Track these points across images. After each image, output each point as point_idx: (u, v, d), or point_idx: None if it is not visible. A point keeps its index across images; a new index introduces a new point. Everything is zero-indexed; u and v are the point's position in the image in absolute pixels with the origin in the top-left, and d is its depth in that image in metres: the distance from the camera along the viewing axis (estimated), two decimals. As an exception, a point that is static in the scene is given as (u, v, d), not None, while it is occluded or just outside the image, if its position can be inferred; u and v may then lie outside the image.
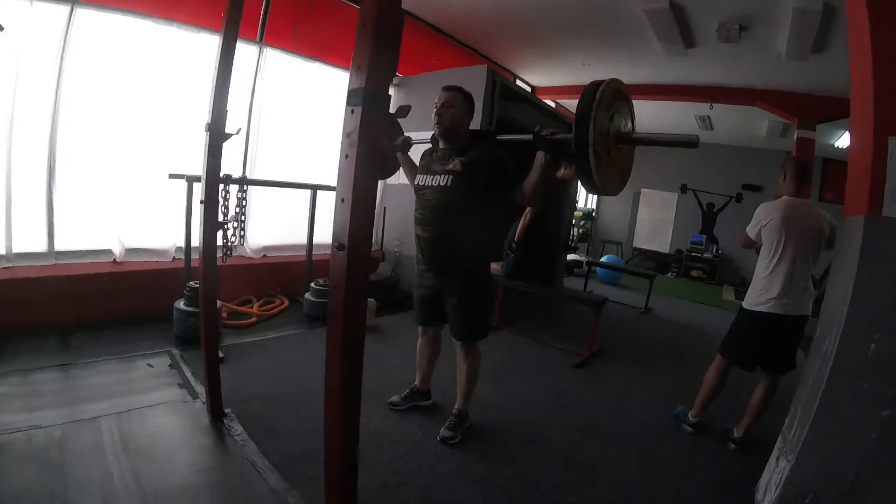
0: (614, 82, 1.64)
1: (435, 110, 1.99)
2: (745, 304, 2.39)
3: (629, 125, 1.76)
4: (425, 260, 2.11)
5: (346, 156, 0.97)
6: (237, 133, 2.01)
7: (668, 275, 9.26)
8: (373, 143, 0.97)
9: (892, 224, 1.54)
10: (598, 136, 1.50)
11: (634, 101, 1.69)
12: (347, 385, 1.06)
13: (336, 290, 1.01)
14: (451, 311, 2.11)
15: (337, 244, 0.99)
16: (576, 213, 9.03)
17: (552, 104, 7.19)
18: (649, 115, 7.56)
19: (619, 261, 8.16)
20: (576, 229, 9.08)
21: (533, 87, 7.47)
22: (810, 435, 1.63)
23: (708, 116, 7.23)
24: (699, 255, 9.18)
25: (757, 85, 5.70)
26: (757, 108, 6.06)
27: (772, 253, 2.29)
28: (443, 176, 1.97)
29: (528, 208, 3.58)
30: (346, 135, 0.97)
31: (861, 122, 1.69)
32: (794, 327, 2.29)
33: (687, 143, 1.55)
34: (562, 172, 3.42)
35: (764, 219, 2.33)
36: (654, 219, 9.90)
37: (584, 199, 10.35)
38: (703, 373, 2.57)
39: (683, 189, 9.58)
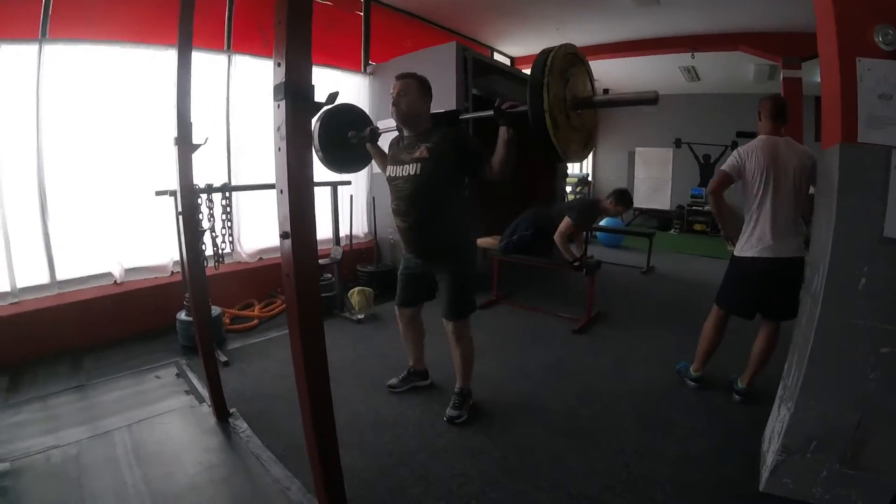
0: (565, 47, 1.63)
1: (391, 101, 2.00)
2: (735, 252, 2.34)
3: (588, 88, 1.75)
4: (409, 248, 2.15)
5: (279, 149, 1.01)
6: (205, 143, 2.05)
7: (672, 231, 9.18)
8: (302, 134, 1.01)
9: (869, 150, 1.45)
10: (554, 102, 1.50)
11: (613, 61, 1.68)
12: (312, 367, 1.12)
13: (287, 278, 1.05)
14: (441, 291, 2.15)
15: (282, 233, 1.03)
16: (569, 179, 8.97)
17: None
18: (631, 73, 7.41)
19: (619, 223, 8.10)
20: (572, 196, 9.04)
21: (512, 59, 7.38)
22: (807, 379, 1.57)
23: (693, 67, 7.07)
24: (700, 208, 9.08)
25: (737, 28, 5.55)
26: (741, 53, 5.90)
27: (754, 195, 2.22)
28: (411, 165, 1.99)
29: (558, 229, 3.56)
30: (277, 129, 1.01)
31: (827, 46, 1.60)
32: (789, 270, 2.21)
33: (646, 100, 1.54)
34: (606, 208, 3.55)
35: (742, 160, 2.24)
36: (652, 177, 9.76)
37: (579, 165, 10.23)
38: None
39: (678, 143, 9.43)
